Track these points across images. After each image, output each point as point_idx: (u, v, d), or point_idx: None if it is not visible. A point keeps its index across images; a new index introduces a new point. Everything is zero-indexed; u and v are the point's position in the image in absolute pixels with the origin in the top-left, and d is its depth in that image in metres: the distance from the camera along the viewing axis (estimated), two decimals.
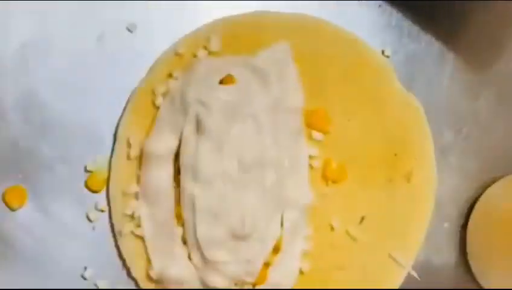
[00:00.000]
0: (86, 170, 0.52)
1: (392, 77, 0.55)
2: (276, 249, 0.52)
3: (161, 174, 0.51)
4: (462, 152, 0.57)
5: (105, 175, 0.52)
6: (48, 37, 0.52)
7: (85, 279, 0.51)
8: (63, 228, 0.52)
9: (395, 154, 0.55)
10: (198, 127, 0.50)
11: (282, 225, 0.52)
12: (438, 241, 0.57)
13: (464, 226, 0.57)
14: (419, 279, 0.55)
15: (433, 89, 0.56)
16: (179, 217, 0.51)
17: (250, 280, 0.52)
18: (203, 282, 0.51)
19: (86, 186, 0.52)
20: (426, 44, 0.56)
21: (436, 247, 0.57)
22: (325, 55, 0.54)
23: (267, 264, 0.52)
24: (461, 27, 0.57)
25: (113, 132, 0.52)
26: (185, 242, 0.51)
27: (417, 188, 0.55)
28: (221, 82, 0.51)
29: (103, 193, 0.52)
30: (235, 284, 0.52)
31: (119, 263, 0.52)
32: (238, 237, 0.50)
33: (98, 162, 0.52)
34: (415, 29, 0.56)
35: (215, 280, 0.51)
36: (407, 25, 0.56)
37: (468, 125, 0.57)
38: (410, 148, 0.55)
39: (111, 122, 0.52)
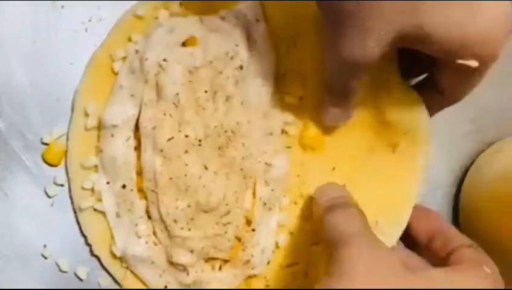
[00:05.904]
0: (42, 143, 0.49)
1: None
2: (248, 223, 0.50)
3: (120, 146, 0.48)
4: (452, 115, 0.53)
5: (63, 147, 0.49)
6: None
7: (45, 258, 0.49)
8: (20, 204, 0.49)
9: (381, 122, 0.51)
10: (158, 92, 0.47)
11: (254, 196, 0.49)
12: None
13: (457, 195, 0.56)
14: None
15: None
16: (142, 190, 0.48)
17: (222, 256, 0.50)
18: (170, 259, 0.49)
19: (43, 159, 0.49)
20: None
21: None
22: (299, 12, 0.50)
23: (239, 239, 0.50)
24: None
25: (71, 100, 0.49)
26: (149, 216, 0.49)
27: (406, 156, 0.51)
28: (183, 44, 0.48)
29: (62, 166, 0.49)
30: (206, 261, 0.49)
31: (81, 240, 0.50)
32: (205, 211, 0.48)
33: (55, 133, 0.49)
34: None
35: (183, 257, 0.48)
36: None
37: None
38: (398, 114, 0.50)
39: (69, 90, 0.49)
